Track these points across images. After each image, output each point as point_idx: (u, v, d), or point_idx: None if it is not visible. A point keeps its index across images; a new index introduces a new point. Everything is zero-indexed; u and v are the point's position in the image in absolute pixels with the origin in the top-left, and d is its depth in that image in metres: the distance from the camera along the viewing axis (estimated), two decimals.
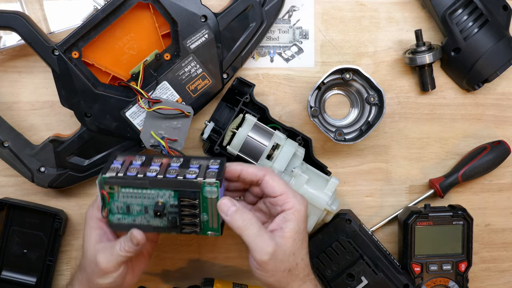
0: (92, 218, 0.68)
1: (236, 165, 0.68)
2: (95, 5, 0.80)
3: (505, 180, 0.90)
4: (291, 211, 0.65)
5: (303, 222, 0.66)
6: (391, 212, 0.89)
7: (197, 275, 0.88)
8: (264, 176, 0.67)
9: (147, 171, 0.66)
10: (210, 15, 0.77)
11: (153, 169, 0.66)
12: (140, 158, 0.68)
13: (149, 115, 0.77)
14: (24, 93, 0.82)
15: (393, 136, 0.88)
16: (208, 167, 0.67)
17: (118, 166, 0.66)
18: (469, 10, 0.81)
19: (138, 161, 0.68)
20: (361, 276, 0.81)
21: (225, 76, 0.80)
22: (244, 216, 0.63)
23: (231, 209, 0.64)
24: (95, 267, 0.65)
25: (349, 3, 0.85)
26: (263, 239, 0.62)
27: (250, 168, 0.68)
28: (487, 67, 0.82)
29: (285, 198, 0.66)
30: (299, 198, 0.66)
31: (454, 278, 0.85)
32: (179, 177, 0.65)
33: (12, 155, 0.79)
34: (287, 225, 0.64)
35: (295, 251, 0.65)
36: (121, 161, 0.68)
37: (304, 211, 0.66)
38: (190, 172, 0.65)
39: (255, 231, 0.63)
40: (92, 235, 0.67)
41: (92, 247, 0.66)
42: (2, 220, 0.81)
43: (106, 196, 0.65)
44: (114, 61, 0.78)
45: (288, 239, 0.64)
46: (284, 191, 0.66)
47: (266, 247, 0.62)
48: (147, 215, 0.66)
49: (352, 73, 0.80)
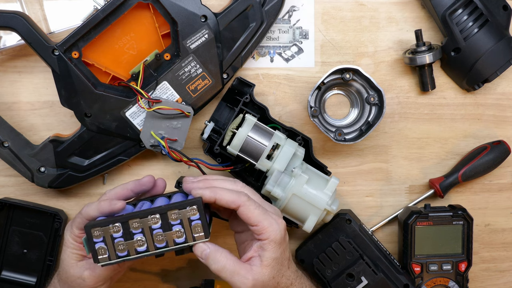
0: (70, 241, 0.69)
1: (210, 195, 0.66)
2: (95, 5, 0.80)
3: (505, 180, 0.90)
4: (267, 241, 0.66)
5: (280, 247, 0.67)
6: (391, 212, 0.89)
7: (197, 275, 0.88)
8: (238, 208, 0.66)
9: (135, 244, 0.64)
10: (210, 15, 0.77)
11: (139, 240, 0.64)
12: (117, 228, 0.64)
13: (149, 115, 0.77)
14: (24, 93, 0.82)
15: (393, 136, 0.88)
16: (190, 220, 0.65)
17: (104, 246, 0.64)
18: (469, 10, 0.81)
19: (118, 233, 0.64)
20: (361, 276, 0.81)
21: (225, 76, 0.80)
22: (217, 257, 0.65)
23: (204, 253, 0.66)
24: (82, 282, 0.68)
25: (349, 3, 0.85)
26: (239, 277, 0.65)
27: (225, 196, 0.66)
28: (487, 67, 0.82)
29: (260, 229, 0.66)
30: (274, 225, 0.66)
31: (454, 278, 0.85)
32: (169, 245, 0.65)
33: (12, 155, 0.79)
34: (264, 254, 0.66)
35: (275, 275, 0.67)
36: (101, 238, 0.64)
37: (280, 237, 0.66)
38: (177, 234, 0.65)
39: (230, 270, 0.65)
40: (73, 256, 0.69)
41: (75, 265, 0.68)
42: (2, 220, 0.81)
43: None
44: (114, 61, 0.78)
45: (266, 267, 0.66)
46: (259, 221, 0.66)
47: (242, 284, 0.65)
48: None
49: (352, 73, 0.80)
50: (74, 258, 0.69)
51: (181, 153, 0.77)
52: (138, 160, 0.84)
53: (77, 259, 0.69)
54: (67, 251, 0.69)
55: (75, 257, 0.69)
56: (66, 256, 0.69)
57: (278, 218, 0.67)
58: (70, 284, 0.69)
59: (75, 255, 0.69)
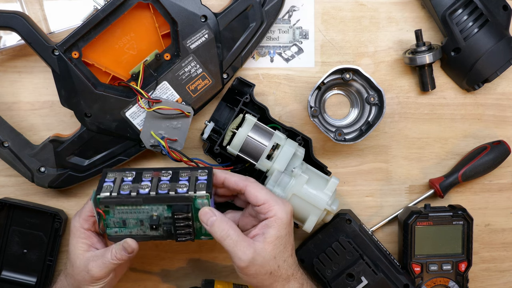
0: (78, 229, 0.70)
1: (221, 173, 0.71)
2: (95, 5, 0.80)
3: (505, 180, 0.90)
4: (273, 218, 0.67)
5: (285, 227, 0.68)
6: (391, 212, 0.89)
7: (197, 275, 0.88)
8: (246, 187, 0.69)
9: (140, 187, 0.67)
10: (210, 15, 0.77)
11: (145, 185, 0.68)
12: (130, 174, 0.70)
13: (149, 115, 0.77)
14: (24, 93, 0.82)
15: (393, 136, 0.88)
16: (197, 178, 0.69)
17: (111, 185, 0.68)
18: (469, 10, 0.81)
19: (129, 177, 0.69)
20: (361, 276, 0.81)
21: (225, 76, 0.80)
22: (222, 226, 0.66)
23: (210, 219, 0.67)
24: (86, 274, 0.68)
25: (349, 3, 0.85)
26: (241, 247, 0.65)
27: (233, 177, 0.70)
28: (487, 67, 0.82)
29: (267, 206, 0.68)
30: (281, 205, 0.68)
31: (454, 278, 0.85)
32: (171, 192, 0.67)
33: (12, 155, 0.79)
34: (268, 231, 0.67)
35: (276, 255, 0.67)
36: (112, 179, 0.69)
37: (286, 217, 0.68)
38: (181, 186, 0.67)
39: (234, 239, 0.66)
40: (80, 245, 0.69)
41: (81, 256, 0.69)
42: (2, 220, 0.81)
43: (102, 213, 0.67)
44: (114, 61, 0.78)
45: (269, 244, 0.67)
46: (266, 200, 0.68)
47: (243, 254, 0.65)
48: (143, 227, 0.69)
49: (352, 73, 0.80)
50: (81, 248, 0.69)
51: (181, 153, 0.77)
52: (138, 160, 0.84)
53: (83, 249, 0.69)
54: (73, 240, 0.70)
55: (81, 247, 0.69)
56: (72, 246, 0.70)
57: (285, 201, 0.69)
58: (76, 277, 0.69)
59: (81, 244, 0.69)
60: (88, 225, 0.70)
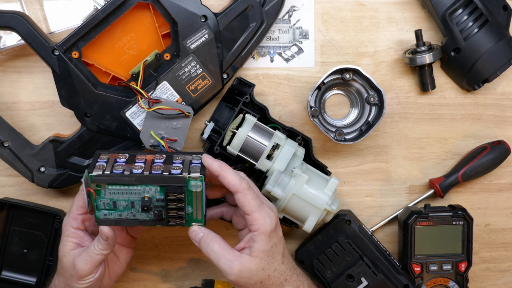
0: (67, 228, 0.71)
1: (218, 167, 0.69)
2: (95, 5, 0.80)
3: (505, 180, 0.90)
4: (257, 233, 0.67)
5: (270, 240, 0.68)
6: (391, 212, 0.89)
7: (197, 275, 0.88)
8: (236, 193, 0.68)
9: (133, 168, 0.67)
10: (210, 15, 0.77)
11: (138, 165, 0.67)
12: (123, 155, 0.70)
13: (149, 115, 0.77)
14: (24, 93, 0.82)
15: (393, 136, 0.88)
16: (191, 162, 0.69)
17: (104, 164, 0.67)
18: (469, 10, 0.81)
19: (122, 158, 0.69)
20: (361, 277, 0.81)
21: (225, 76, 0.80)
22: (208, 241, 0.68)
23: (198, 236, 0.69)
24: (72, 270, 0.68)
25: (349, 3, 0.85)
26: (227, 261, 0.67)
27: (230, 175, 0.68)
28: (487, 67, 0.82)
29: (252, 219, 0.67)
30: (266, 219, 0.67)
31: (454, 278, 0.85)
32: (164, 173, 0.66)
33: (12, 155, 0.79)
34: (254, 245, 0.67)
35: (264, 266, 0.68)
36: (105, 159, 0.69)
37: (271, 229, 0.68)
38: (175, 168, 0.67)
39: (219, 253, 0.67)
40: (68, 244, 0.70)
41: (68, 254, 0.69)
42: (2, 220, 0.81)
43: (93, 193, 0.67)
44: (114, 61, 0.78)
45: (255, 258, 0.67)
46: (252, 212, 0.67)
47: (229, 268, 0.67)
48: (133, 209, 0.68)
49: (352, 73, 0.80)
50: (68, 247, 0.70)
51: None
52: None
53: (70, 247, 0.70)
54: (62, 239, 0.70)
55: (69, 246, 0.70)
56: (61, 245, 0.70)
57: (271, 212, 0.69)
58: (65, 275, 0.70)
59: (69, 243, 0.70)
60: (77, 223, 0.70)
